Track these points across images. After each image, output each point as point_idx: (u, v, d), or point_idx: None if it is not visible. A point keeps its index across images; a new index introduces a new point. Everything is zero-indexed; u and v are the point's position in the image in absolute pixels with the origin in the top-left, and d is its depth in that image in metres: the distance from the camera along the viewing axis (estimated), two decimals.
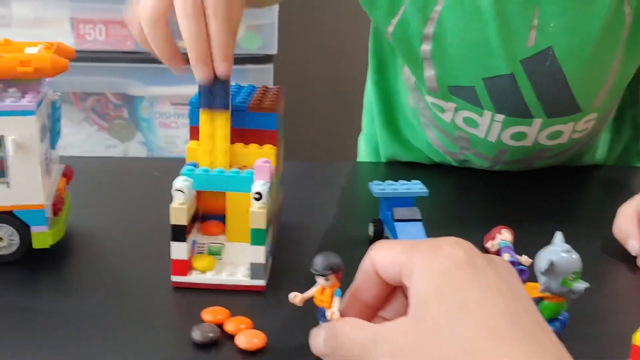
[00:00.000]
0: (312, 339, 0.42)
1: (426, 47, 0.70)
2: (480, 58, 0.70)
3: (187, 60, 0.54)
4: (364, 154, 0.93)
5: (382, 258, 0.41)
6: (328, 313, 0.42)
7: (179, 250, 0.53)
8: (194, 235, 0.56)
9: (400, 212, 0.60)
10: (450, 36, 0.70)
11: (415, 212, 0.60)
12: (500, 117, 0.73)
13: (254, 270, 0.54)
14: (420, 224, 0.59)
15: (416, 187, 0.61)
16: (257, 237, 0.53)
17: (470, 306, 0.36)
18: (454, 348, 0.35)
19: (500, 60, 0.69)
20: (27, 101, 0.54)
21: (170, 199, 0.53)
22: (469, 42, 0.69)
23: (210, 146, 0.56)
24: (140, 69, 1.49)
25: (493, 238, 0.61)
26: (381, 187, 0.61)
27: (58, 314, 0.51)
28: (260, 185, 0.53)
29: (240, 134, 0.58)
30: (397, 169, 0.84)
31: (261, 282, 0.54)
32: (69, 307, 0.52)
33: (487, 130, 0.75)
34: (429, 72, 0.72)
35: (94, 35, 1.48)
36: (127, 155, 1.59)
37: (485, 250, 0.61)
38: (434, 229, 0.60)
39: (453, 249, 0.38)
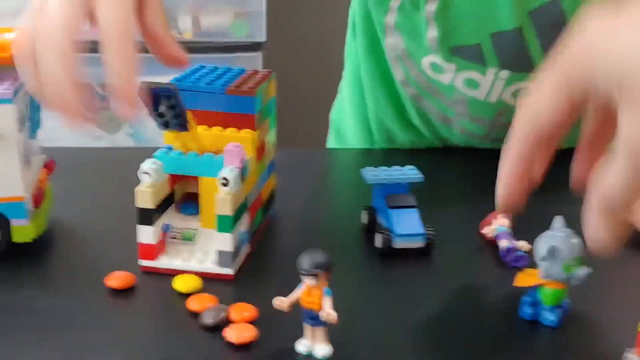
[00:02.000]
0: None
1: (431, 8, 0.69)
2: (488, 12, 0.69)
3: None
4: (352, 130, 0.90)
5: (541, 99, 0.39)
6: (322, 314, 0.40)
7: (145, 234, 0.52)
8: (167, 219, 0.54)
9: (394, 198, 0.58)
10: None
11: (411, 199, 0.58)
12: (504, 73, 0.72)
13: (221, 258, 0.52)
14: (415, 210, 0.58)
15: (411, 172, 0.59)
16: (223, 224, 0.51)
17: None
18: None
19: (510, 13, 0.68)
20: (4, 89, 0.51)
21: None
22: None
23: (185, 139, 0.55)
24: None
25: (489, 224, 0.59)
26: (374, 174, 0.59)
27: (40, 310, 0.49)
28: (228, 170, 0.51)
29: (219, 118, 0.56)
30: (390, 154, 0.82)
31: (229, 271, 0.52)
32: (51, 302, 0.50)
33: (489, 90, 0.73)
34: (431, 34, 0.71)
35: None
36: (115, 146, 1.56)
37: (482, 237, 0.59)
38: (429, 216, 0.58)
39: None
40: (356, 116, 0.87)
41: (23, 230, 0.54)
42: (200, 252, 0.54)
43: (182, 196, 0.57)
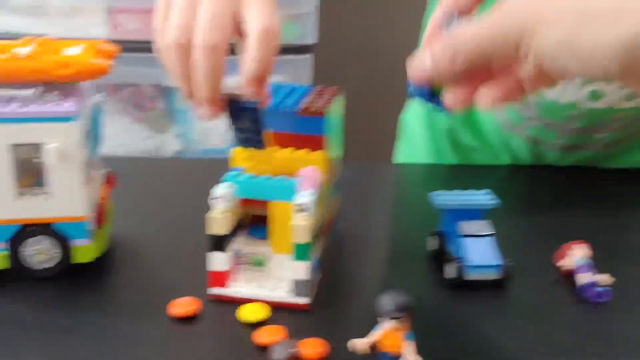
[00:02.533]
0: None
1: None
2: None
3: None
4: (419, 132, 0.89)
5: None
6: None
7: (217, 261, 0.50)
8: (237, 245, 0.52)
9: (467, 226, 0.55)
10: None
11: (486, 227, 0.55)
12: None
13: (297, 286, 0.50)
14: (491, 239, 0.54)
15: (484, 197, 0.56)
16: (300, 252, 0.49)
17: None
18: None
19: None
20: (69, 106, 0.50)
21: None
22: None
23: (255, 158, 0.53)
24: None
25: (563, 256, 0.56)
26: (444, 198, 0.56)
27: (98, 336, 0.47)
28: (304, 195, 0.49)
29: (289, 139, 0.54)
30: (458, 171, 0.79)
31: (304, 300, 0.50)
32: (110, 328, 0.48)
33: (563, 89, 0.71)
34: None
35: (129, 24, 1.45)
36: (162, 147, 1.56)
37: (559, 270, 0.56)
38: (502, 244, 0.55)
39: None
40: (423, 119, 0.86)
41: (84, 251, 0.53)
42: (272, 279, 0.52)
43: (250, 219, 0.55)
